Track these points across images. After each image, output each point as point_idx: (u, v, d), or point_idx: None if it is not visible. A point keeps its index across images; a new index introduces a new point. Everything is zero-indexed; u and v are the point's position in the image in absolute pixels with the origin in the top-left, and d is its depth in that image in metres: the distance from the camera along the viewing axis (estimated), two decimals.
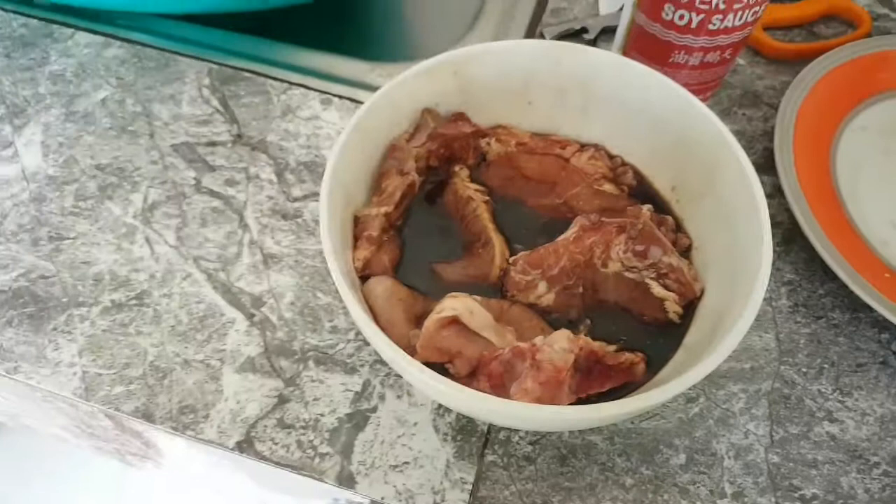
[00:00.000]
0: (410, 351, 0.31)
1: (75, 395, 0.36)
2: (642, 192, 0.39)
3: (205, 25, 0.51)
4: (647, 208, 0.36)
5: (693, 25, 0.40)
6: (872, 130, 0.44)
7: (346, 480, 0.34)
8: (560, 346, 0.31)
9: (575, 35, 0.50)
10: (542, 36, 0.49)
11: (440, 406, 0.36)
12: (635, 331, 0.34)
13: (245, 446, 0.35)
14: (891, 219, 0.41)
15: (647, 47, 0.42)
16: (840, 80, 0.45)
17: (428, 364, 0.29)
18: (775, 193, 0.42)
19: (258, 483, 0.39)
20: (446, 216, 0.38)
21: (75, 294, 0.39)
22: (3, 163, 0.44)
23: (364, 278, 0.35)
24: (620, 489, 0.34)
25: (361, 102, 0.44)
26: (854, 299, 0.39)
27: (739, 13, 0.39)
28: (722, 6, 0.38)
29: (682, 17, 0.39)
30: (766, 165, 0.44)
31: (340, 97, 0.47)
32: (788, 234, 0.42)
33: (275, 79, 0.48)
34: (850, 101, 0.45)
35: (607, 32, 0.50)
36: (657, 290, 0.34)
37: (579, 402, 0.31)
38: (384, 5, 0.65)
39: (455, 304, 0.33)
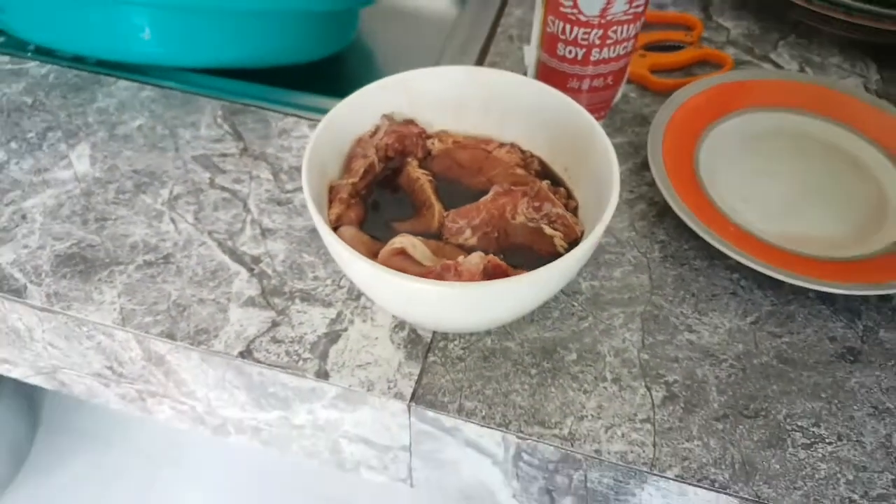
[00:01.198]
0: None
1: (114, 323, 0.48)
2: (545, 173, 0.52)
3: (217, 75, 0.65)
4: (545, 182, 0.50)
5: (579, 58, 0.54)
6: (732, 134, 0.58)
7: (322, 375, 0.45)
8: (474, 261, 0.43)
9: None
10: None
11: (396, 325, 0.48)
12: (534, 261, 0.46)
13: (246, 355, 0.46)
14: (742, 195, 0.54)
15: (549, 78, 0.57)
16: (707, 98, 0.59)
17: None
18: (653, 182, 0.56)
19: (254, 399, 0.50)
20: (401, 192, 0.51)
21: (115, 256, 0.51)
22: (60, 170, 0.57)
23: (338, 228, 0.47)
24: (527, 377, 0.45)
25: None
26: (711, 251, 0.52)
27: (612, 47, 0.54)
28: (597, 42, 0.53)
29: (570, 51, 0.54)
30: (646, 165, 0.58)
31: None
32: (662, 210, 0.55)
33: (273, 111, 0.62)
34: (715, 113, 0.59)
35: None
36: (548, 230, 0.47)
37: None
38: (360, 62, 0.81)
39: (403, 240, 0.45)
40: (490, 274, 0.43)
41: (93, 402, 0.58)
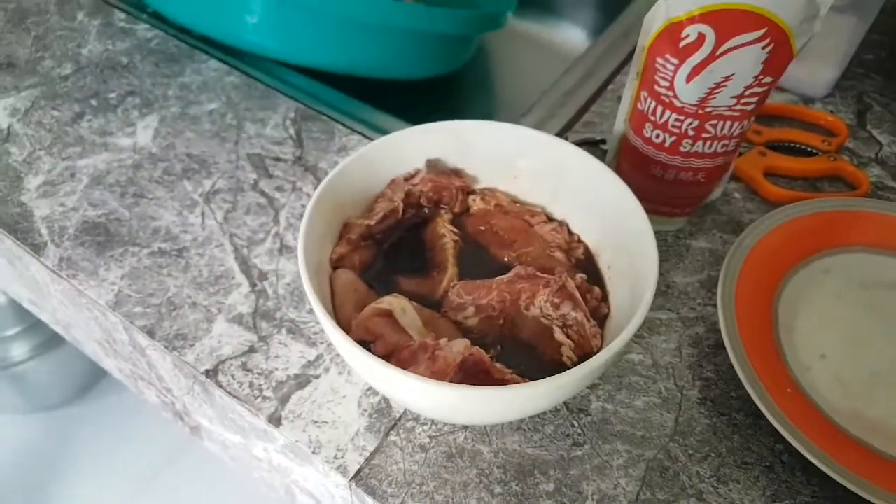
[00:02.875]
0: (346, 328, 0.39)
1: (107, 305, 0.47)
2: (586, 266, 0.45)
3: (306, 76, 0.64)
4: (580, 276, 0.43)
5: (667, 145, 0.47)
6: (834, 275, 0.49)
7: (275, 421, 0.42)
8: (457, 349, 0.38)
9: (594, 144, 0.58)
10: (566, 138, 0.58)
11: (369, 389, 0.43)
12: (534, 365, 0.40)
13: (211, 374, 0.44)
14: (820, 351, 0.45)
15: (632, 158, 0.50)
16: (817, 222, 0.50)
17: (357, 340, 0.36)
18: None
19: (219, 417, 0.48)
20: (423, 246, 0.46)
21: (135, 237, 0.50)
22: (124, 136, 0.57)
23: (336, 270, 0.43)
24: (488, 494, 0.39)
25: None
26: (758, 408, 0.43)
27: (709, 142, 0.46)
28: (691, 132, 0.46)
29: (658, 135, 0.47)
30: None
31: None
32: (720, 342, 0.46)
33: (344, 125, 0.59)
34: (819, 243, 0.49)
35: None
36: (559, 335, 0.40)
37: None
38: (458, 91, 0.77)
39: (392, 301, 0.41)
40: (468, 369, 0.38)
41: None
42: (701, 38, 0.42)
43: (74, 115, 0.59)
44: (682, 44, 0.42)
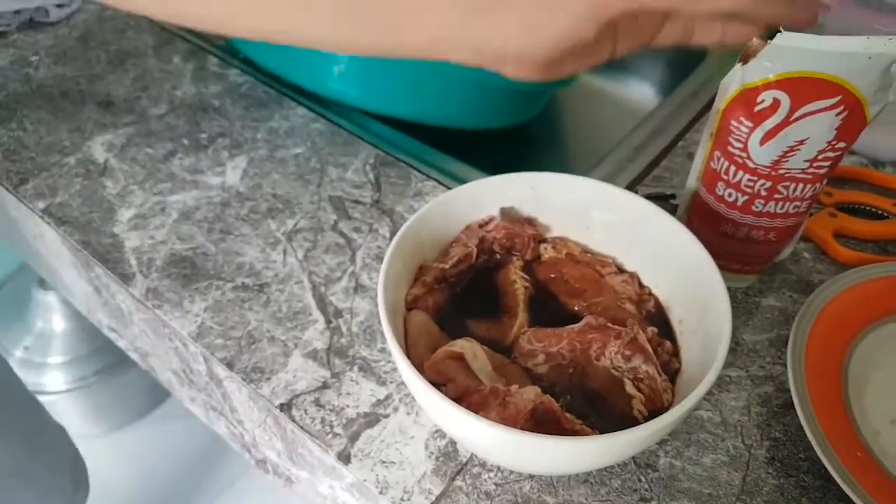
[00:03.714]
0: (418, 369, 0.41)
1: (189, 335, 0.49)
2: (658, 319, 0.46)
3: (386, 124, 0.66)
4: (651, 329, 0.44)
5: (739, 203, 0.47)
6: None
7: (344, 458, 0.43)
8: (528, 396, 0.39)
9: (664, 199, 0.59)
10: (636, 191, 0.59)
11: (437, 431, 0.44)
12: (603, 417, 0.41)
13: (285, 408, 0.45)
14: (891, 417, 0.44)
15: (703, 214, 0.50)
16: (885, 286, 0.49)
17: (429, 381, 0.38)
18: None
19: (288, 452, 0.49)
20: (495, 291, 0.48)
21: (220, 271, 0.53)
22: (214, 175, 0.60)
23: (411, 311, 0.45)
24: None
25: None
26: (828, 471, 0.42)
27: (781, 203, 0.47)
28: (763, 193, 0.46)
29: (730, 194, 0.48)
30: None
31: None
32: (789, 402, 0.46)
33: (420, 171, 0.61)
34: (891, 307, 0.49)
35: None
36: (630, 388, 0.41)
37: None
38: (530, 142, 0.78)
39: (465, 345, 0.42)
40: (539, 417, 0.39)
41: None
42: (776, 103, 0.42)
43: (167, 152, 0.62)
44: (758, 108, 0.43)
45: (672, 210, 0.50)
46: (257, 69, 0.70)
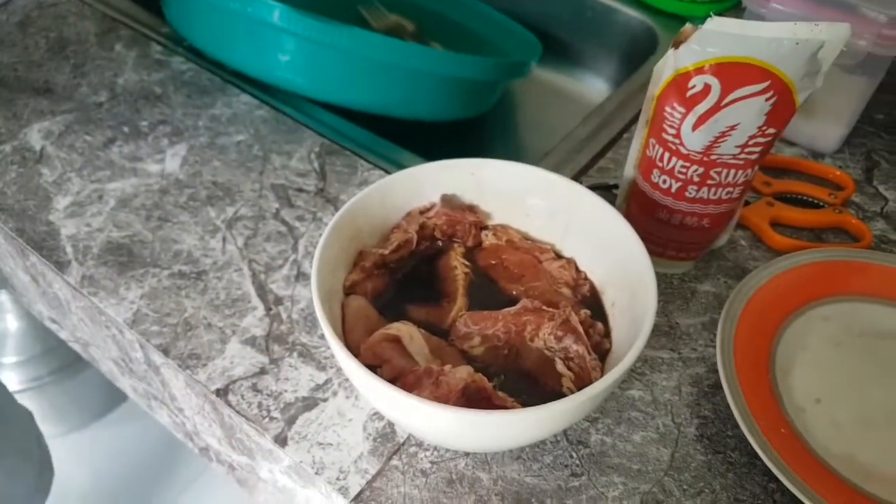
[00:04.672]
0: (355, 352, 0.41)
1: (125, 322, 0.49)
2: (593, 302, 0.47)
3: (333, 112, 0.66)
4: (584, 312, 0.44)
5: (673, 190, 0.48)
6: (832, 322, 0.49)
7: (281, 440, 0.43)
8: (460, 375, 0.39)
9: (607, 189, 0.59)
10: (580, 182, 0.60)
11: (375, 414, 0.45)
12: (535, 395, 0.41)
13: (221, 393, 0.45)
14: (816, 395, 0.46)
15: (640, 202, 0.51)
16: (817, 271, 0.51)
17: (364, 364, 0.38)
18: None
19: (227, 437, 0.49)
20: (436, 277, 0.48)
21: (156, 259, 0.52)
22: (153, 162, 0.60)
23: (349, 296, 0.45)
24: None
25: None
26: (753, 447, 0.44)
27: (714, 189, 0.48)
28: (696, 179, 0.47)
29: (664, 181, 0.49)
30: None
31: None
32: (719, 383, 0.47)
33: (367, 160, 0.61)
34: (820, 291, 0.50)
35: None
36: (560, 366, 0.41)
37: None
38: (481, 135, 0.79)
39: (401, 327, 0.42)
40: (471, 395, 0.39)
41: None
42: (707, 88, 0.44)
43: (106, 140, 0.61)
44: (689, 93, 0.44)
45: (613, 200, 0.51)
46: (202, 57, 0.70)
